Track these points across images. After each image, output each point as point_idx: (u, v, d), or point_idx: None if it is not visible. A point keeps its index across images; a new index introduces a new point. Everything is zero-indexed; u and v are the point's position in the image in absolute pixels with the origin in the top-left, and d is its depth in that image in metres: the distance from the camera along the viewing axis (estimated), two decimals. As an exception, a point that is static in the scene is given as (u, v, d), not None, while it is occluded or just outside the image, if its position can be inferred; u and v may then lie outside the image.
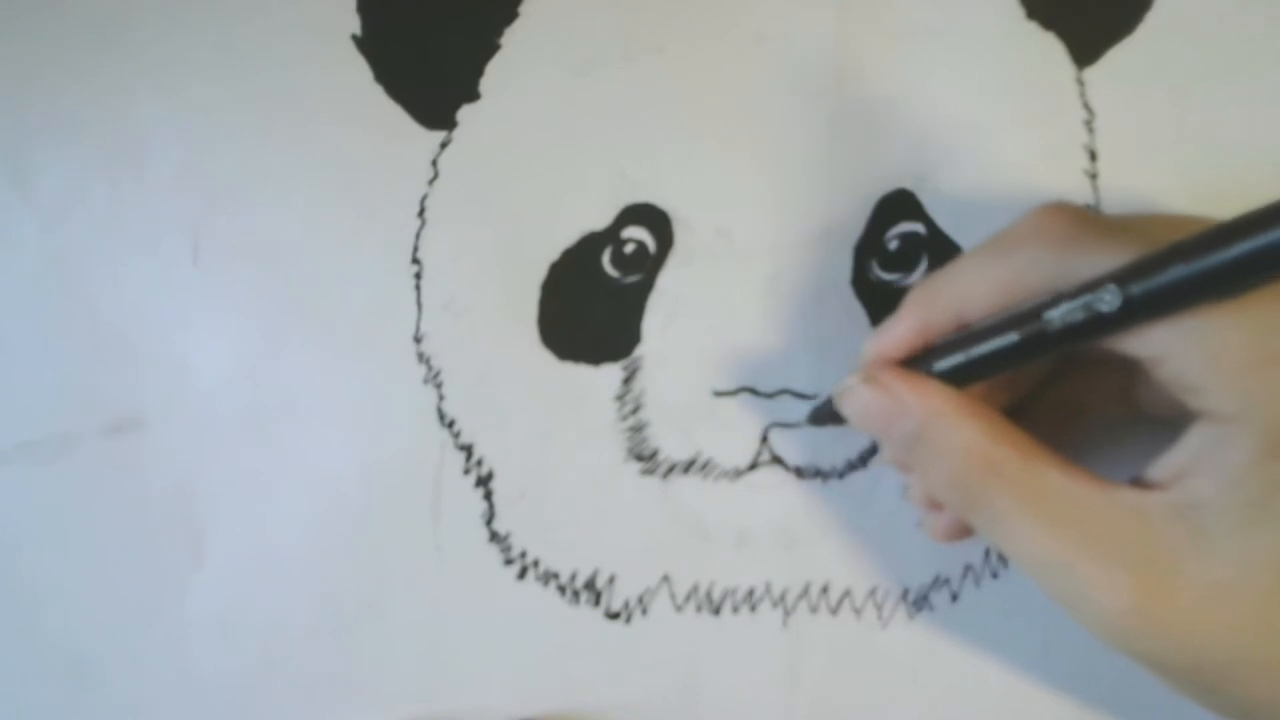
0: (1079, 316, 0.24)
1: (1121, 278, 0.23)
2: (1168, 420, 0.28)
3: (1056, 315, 0.24)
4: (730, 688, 0.33)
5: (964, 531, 0.28)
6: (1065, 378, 0.30)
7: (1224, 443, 0.23)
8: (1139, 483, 0.25)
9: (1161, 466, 0.24)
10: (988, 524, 0.26)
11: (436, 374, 0.33)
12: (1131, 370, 0.26)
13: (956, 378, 0.27)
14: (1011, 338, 0.25)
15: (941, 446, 0.26)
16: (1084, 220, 0.25)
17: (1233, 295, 0.22)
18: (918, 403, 0.26)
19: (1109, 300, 0.23)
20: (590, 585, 0.33)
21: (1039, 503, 0.25)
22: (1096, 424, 0.30)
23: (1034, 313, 0.25)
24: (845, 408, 0.28)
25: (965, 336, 0.26)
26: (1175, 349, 0.23)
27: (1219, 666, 0.24)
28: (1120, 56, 0.32)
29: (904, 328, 0.27)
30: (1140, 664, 0.25)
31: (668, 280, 0.33)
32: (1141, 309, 0.23)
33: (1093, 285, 0.24)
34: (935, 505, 0.29)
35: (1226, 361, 0.22)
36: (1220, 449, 0.23)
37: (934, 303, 0.27)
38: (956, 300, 0.27)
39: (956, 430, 0.26)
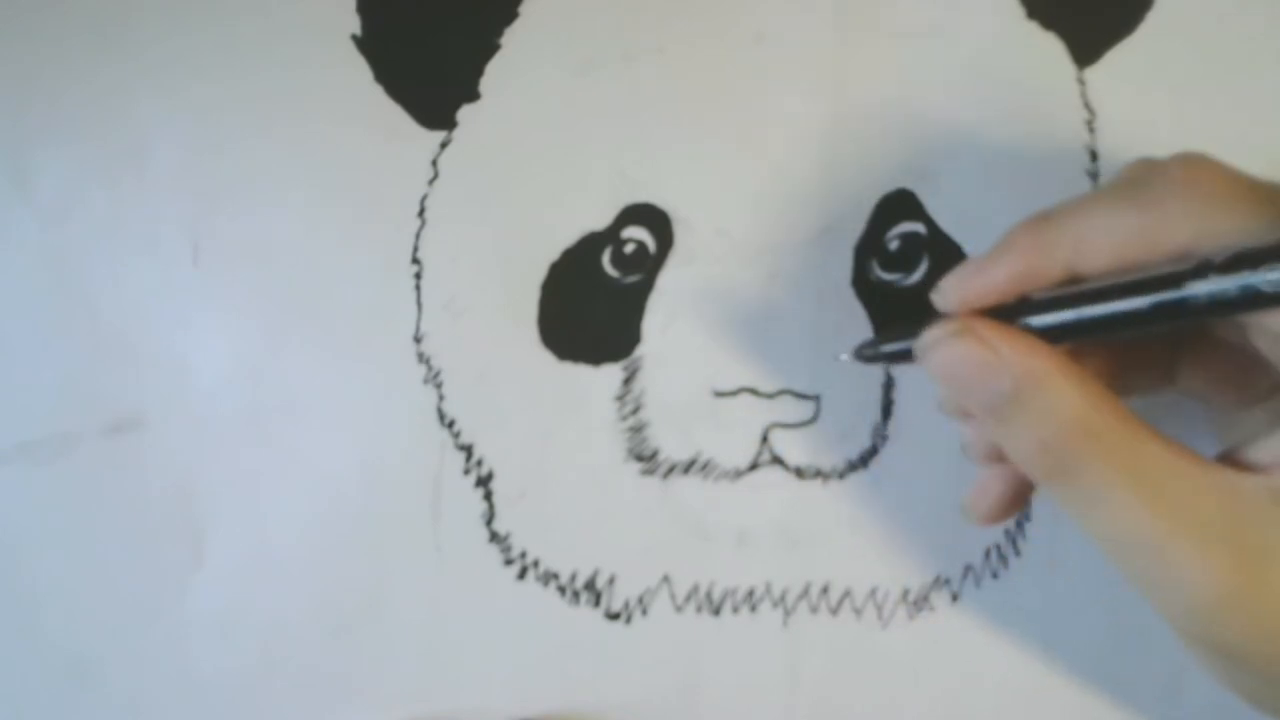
0: (1232, 293, 0.21)
1: None
2: (1211, 402, 0.27)
3: (1204, 290, 0.21)
4: (730, 688, 0.33)
5: (1018, 504, 0.27)
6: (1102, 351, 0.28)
7: None
8: (1233, 462, 0.24)
9: (1264, 449, 0.23)
10: (1076, 495, 0.24)
11: (436, 374, 0.33)
12: (1178, 350, 0.25)
13: (1055, 335, 0.24)
14: (1141, 303, 0.23)
15: (1039, 409, 0.23)
16: (1237, 178, 0.23)
17: None
18: (1018, 360, 0.24)
19: (1274, 280, 0.21)
20: (590, 585, 0.33)
21: (1138, 476, 0.23)
22: (1130, 396, 0.29)
23: (1174, 279, 0.22)
24: (932, 359, 0.25)
25: (1081, 293, 0.24)
26: None
27: None
28: (1120, 56, 0.32)
29: (1005, 270, 0.25)
30: (1219, 651, 0.24)
31: (668, 280, 0.33)
32: None
33: (1253, 258, 0.21)
34: (998, 462, 0.27)
35: None
36: None
37: (1046, 246, 0.24)
38: (1074, 246, 0.24)
39: (1058, 393, 0.23)
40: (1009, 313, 0.25)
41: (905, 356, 0.26)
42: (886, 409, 0.33)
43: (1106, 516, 0.23)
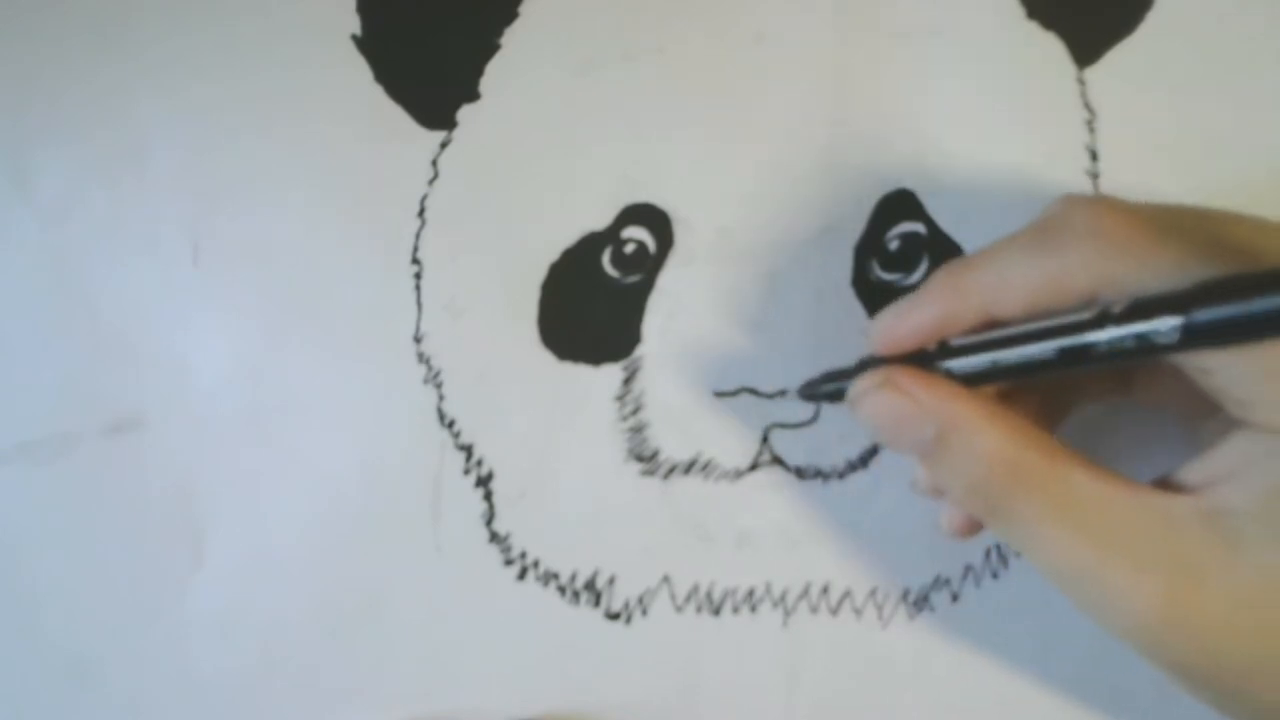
0: (1129, 343, 0.22)
1: (1181, 305, 0.21)
2: (1167, 413, 0.28)
3: (1104, 339, 0.23)
4: (730, 688, 0.33)
5: (976, 527, 0.27)
6: None
7: (1269, 455, 0.22)
8: (1164, 484, 0.24)
9: (1194, 470, 0.24)
10: (1011, 531, 0.25)
11: (436, 374, 0.33)
12: (1139, 369, 0.25)
13: (974, 379, 0.25)
14: (1048, 351, 0.24)
15: (963, 453, 0.25)
16: (1139, 221, 0.24)
17: None
18: (937, 408, 0.25)
19: (1166, 334, 0.22)
20: (590, 585, 0.33)
21: (1065, 508, 0.24)
22: (1091, 405, 0.30)
23: (1077, 328, 0.23)
24: (859, 412, 0.27)
25: (994, 339, 0.25)
26: (1228, 361, 0.22)
27: (1245, 673, 0.23)
28: (1121, 56, 0.32)
29: (925, 316, 0.26)
30: (1165, 670, 0.24)
31: (668, 280, 0.33)
32: (1201, 341, 0.22)
33: (1146, 309, 0.22)
34: (943, 496, 0.28)
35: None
36: (1263, 460, 0.22)
37: (962, 293, 0.25)
38: (988, 293, 0.25)
39: (979, 436, 0.24)
40: (932, 358, 0.26)
41: (841, 396, 0.28)
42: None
43: (1041, 549, 0.24)
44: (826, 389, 0.29)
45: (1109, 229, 0.24)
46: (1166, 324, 0.21)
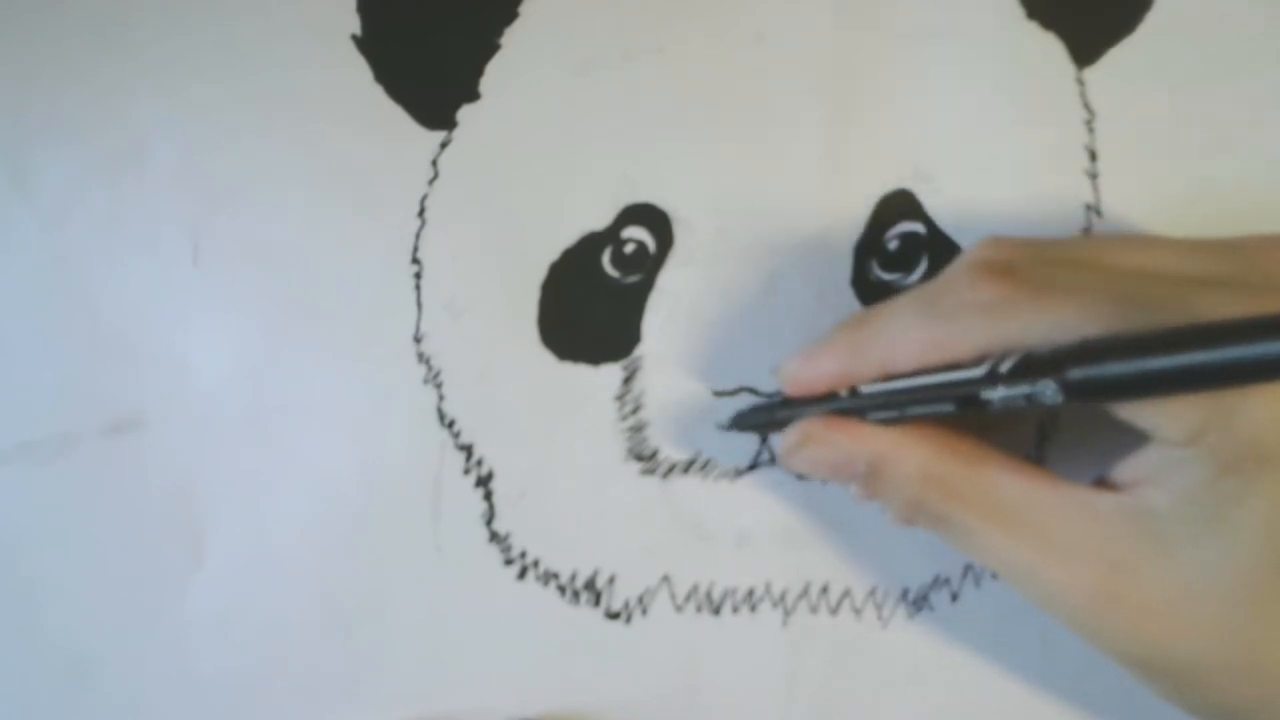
0: (1020, 403, 0.24)
1: (1057, 366, 0.23)
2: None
3: (996, 398, 0.24)
4: (730, 688, 0.33)
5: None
6: None
7: (1177, 464, 0.23)
8: (1103, 482, 0.25)
9: (1122, 470, 0.25)
10: (955, 539, 0.27)
11: (436, 374, 0.33)
12: None
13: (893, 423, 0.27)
14: (947, 408, 0.25)
15: (894, 479, 0.27)
16: (1018, 282, 0.25)
17: (1173, 395, 0.22)
18: (860, 448, 0.27)
19: (1050, 395, 0.23)
20: (590, 585, 0.33)
21: (994, 511, 0.25)
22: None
23: (971, 387, 0.25)
24: (794, 466, 0.29)
25: (898, 393, 0.26)
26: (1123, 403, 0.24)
27: (1187, 668, 0.24)
28: (1121, 56, 0.32)
29: (827, 369, 0.28)
30: (1118, 661, 0.25)
31: (668, 280, 0.33)
32: (1086, 398, 0.23)
33: (1029, 370, 0.23)
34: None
35: (1174, 406, 0.23)
36: (1173, 468, 0.23)
37: (859, 353, 0.27)
38: (882, 354, 0.27)
39: (903, 463, 0.26)
40: (849, 401, 0.27)
41: (773, 426, 0.30)
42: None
43: (982, 552, 0.26)
44: (755, 421, 0.31)
45: (989, 300, 0.25)
46: (1048, 387, 0.23)
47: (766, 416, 0.30)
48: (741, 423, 0.31)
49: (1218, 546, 0.23)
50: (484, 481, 0.33)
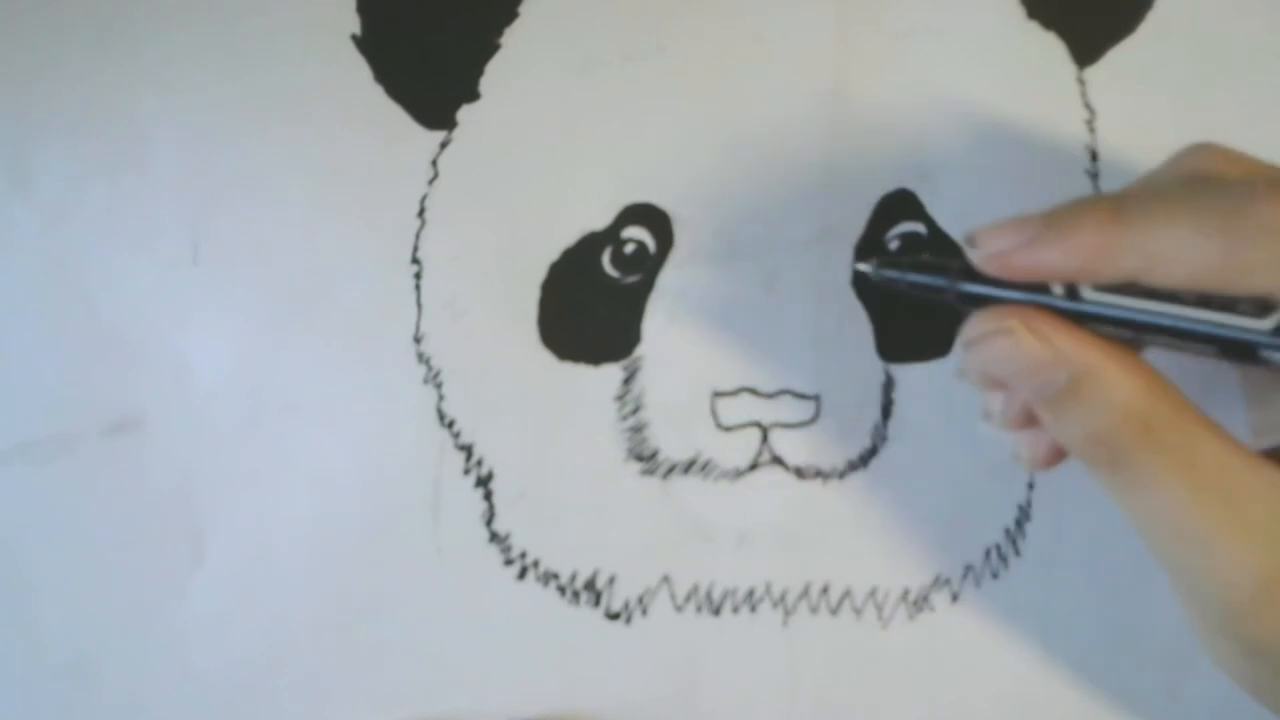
0: None
1: None
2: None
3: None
4: (730, 688, 0.33)
5: (1060, 456, 0.27)
6: None
7: None
8: (1277, 455, 0.24)
9: None
10: (1125, 484, 0.24)
11: (436, 374, 0.33)
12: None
13: (1102, 325, 0.24)
14: (1207, 347, 0.23)
15: (1094, 402, 0.23)
16: None
17: None
18: (1075, 355, 0.23)
19: None
20: (590, 585, 0.33)
21: (1189, 469, 0.23)
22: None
23: (1247, 338, 0.22)
24: (981, 351, 0.24)
25: (1152, 325, 0.23)
26: None
27: None
28: (1121, 56, 0.32)
29: (1062, 258, 0.23)
30: (1246, 648, 0.24)
31: (668, 280, 0.33)
32: None
33: None
34: (1028, 428, 0.27)
35: None
36: None
37: (1115, 250, 0.23)
38: (1145, 261, 0.23)
39: (1114, 386, 0.23)
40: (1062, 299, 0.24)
41: (929, 293, 0.25)
42: (886, 409, 0.33)
43: (1153, 506, 0.24)
44: (916, 279, 0.26)
45: None
46: None
47: (935, 280, 0.25)
48: (889, 274, 0.26)
49: None
50: (484, 481, 0.33)
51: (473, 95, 0.33)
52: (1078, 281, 0.24)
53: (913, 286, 0.26)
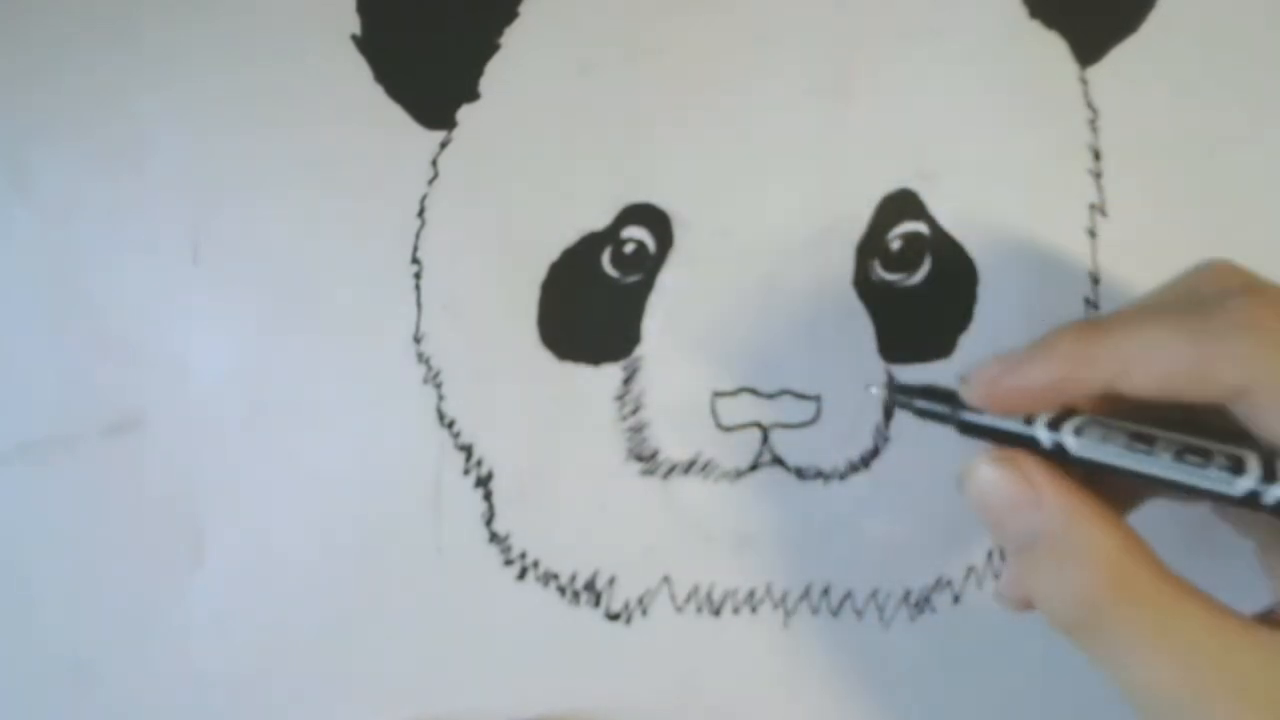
0: None
1: None
2: (1247, 536, 0.26)
3: (1275, 495, 0.21)
4: (730, 689, 0.33)
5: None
6: None
7: None
8: (1272, 619, 0.23)
9: None
10: (1104, 648, 0.23)
11: (436, 374, 0.33)
12: None
13: (1086, 465, 0.23)
14: (1198, 481, 0.22)
15: (1070, 553, 0.23)
16: None
17: None
18: (1058, 502, 0.23)
19: None
20: (590, 586, 0.33)
21: (1171, 633, 0.22)
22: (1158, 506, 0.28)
23: (1238, 465, 0.21)
24: (969, 485, 0.25)
25: (1135, 438, 0.23)
26: None
27: None
28: (1123, 55, 0.32)
29: (1046, 373, 0.23)
30: None
31: (668, 280, 0.33)
32: None
33: None
34: (1029, 607, 0.26)
35: None
36: None
37: (1092, 359, 0.23)
38: (1121, 365, 0.23)
39: (1094, 538, 0.23)
40: (1051, 423, 0.24)
41: (937, 418, 0.26)
42: (888, 410, 0.33)
43: (1136, 673, 0.22)
44: (921, 405, 0.26)
45: (1271, 324, 0.22)
46: None
47: (937, 406, 0.26)
48: (905, 400, 0.26)
49: None
50: (484, 481, 0.33)
51: (473, 95, 0.33)
52: (1069, 397, 0.23)
53: (919, 413, 0.26)
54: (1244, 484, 0.21)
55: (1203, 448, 0.22)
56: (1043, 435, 0.24)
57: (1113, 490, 0.25)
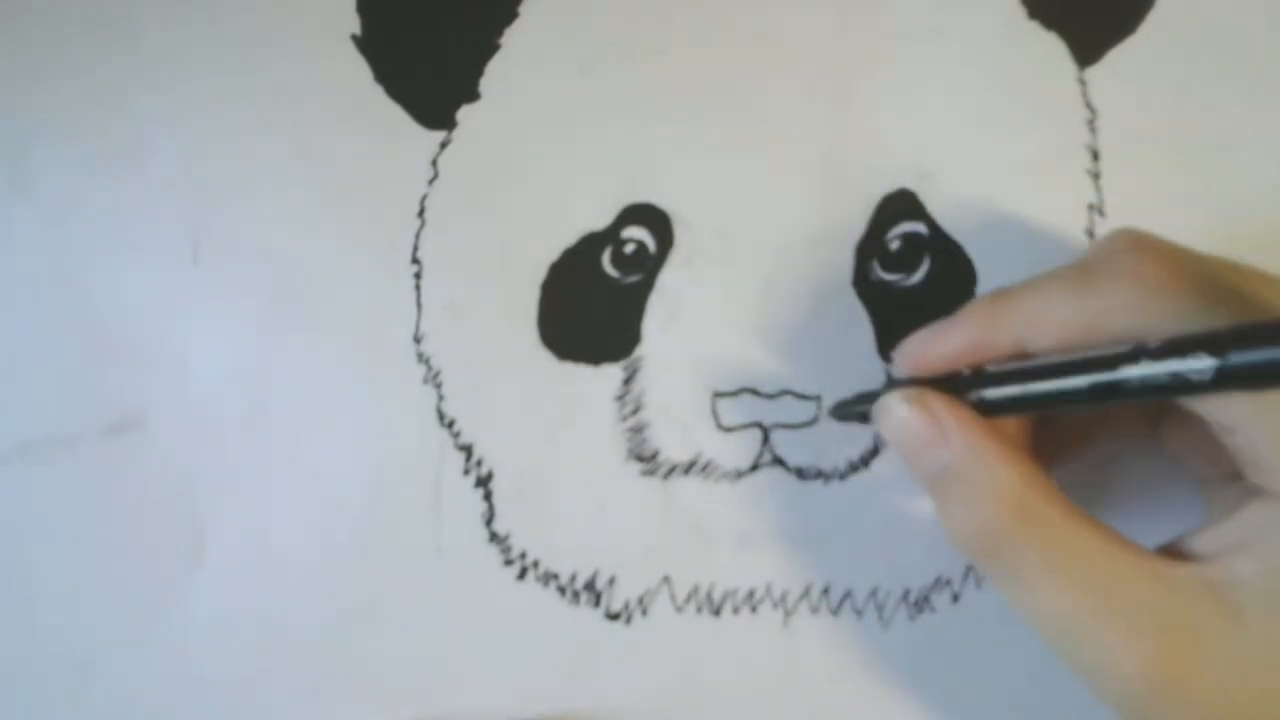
0: (1162, 380, 0.22)
1: (1217, 345, 0.21)
2: (1187, 465, 0.28)
3: (1136, 374, 0.23)
4: (730, 689, 0.33)
5: None
6: None
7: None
8: (1171, 551, 0.24)
9: (1204, 538, 0.24)
10: (1007, 576, 0.24)
11: (436, 374, 0.33)
12: (1168, 413, 0.25)
13: (1004, 407, 0.25)
14: (1079, 383, 0.24)
15: (975, 486, 0.24)
16: (1179, 265, 0.24)
17: None
18: (960, 436, 0.25)
19: (1201, 370, 0.21)
20: (590, 586, 0.33)
21: (1068, 560, 0.23)
22: (1116, 440, 0.30)
23: (1110, 362, 0.23)
24: (883, 424, 0.27)
25: (1028, 369, 0.25)
26: (1253, 421, 0.22)
27: None
28: (1122, 56, 0.32)
29: (960, 338, 0.26)
30: None
31: (668, 280, 0.33)
32: (1233, 382, 0.21)
33: (1182, 346, 0.22)
34: None
35: None
36: (1276, 532, 0.22)
37: (998, 321, 0.26)
38: (1025, 324, 0.25)
39: (995, 472, 0.24)
40: (964, 384, 0.26)
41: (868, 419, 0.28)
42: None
43: (1034, 600, 0.24)
44: (859, 410, 0.29)
45: (1150, 274, 0.24)
46: (1202, 363, 0.21)
47: (869, 406, 0.28)
48: (845, 411, 0.30)
49: None
50: (484, 481, 0.33)
51: (473, 95, 0.33)
52: (981, 360, 0.26)
53: (861, 419, 0.29)
54: (1137, 370, 0.23)
55: (1092, 357, 0.24)
56: (963, 381, 0.26)
57: (1064, 433, 0.28)
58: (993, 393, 0.25)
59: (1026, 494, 0.24)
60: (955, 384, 0.26)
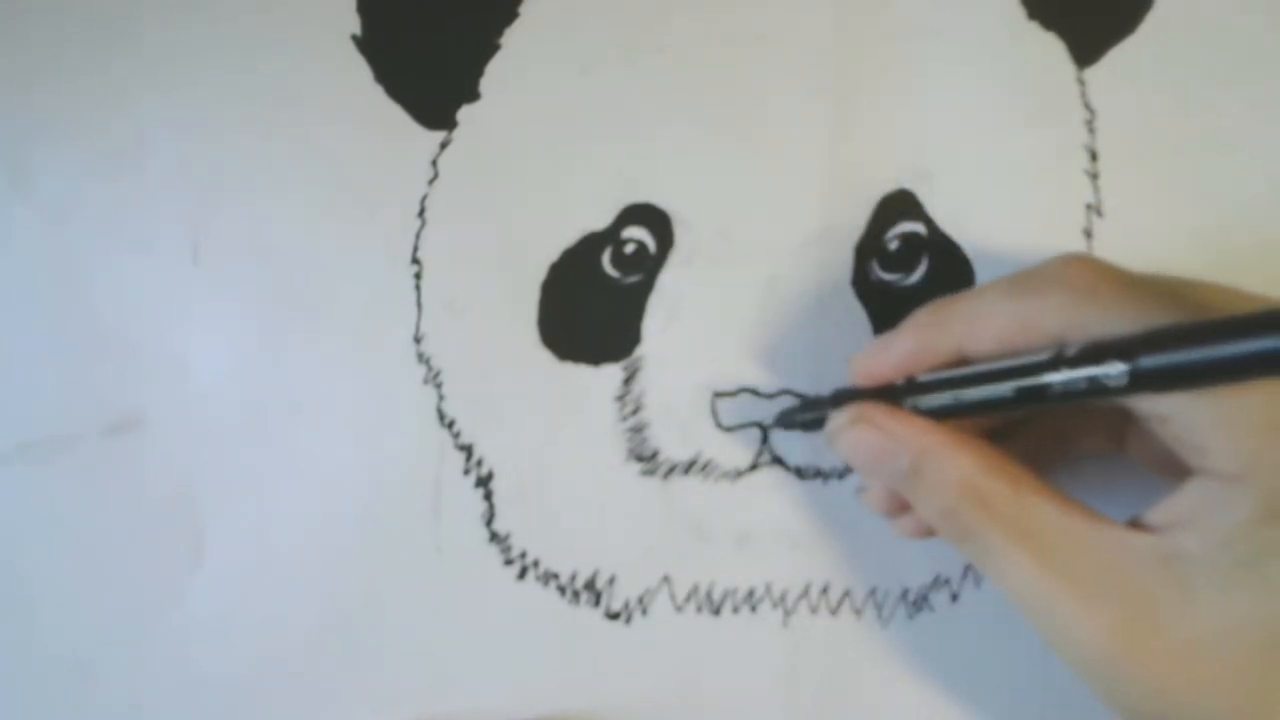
0: (1080, 386, 0.24)
1: (1128, 351, 0.23)
2: (1149, 468, 0.28)
3: (1058, 381, 0.24)
4: (730, 688, 0.33)
5: (929, 530, 0.28)
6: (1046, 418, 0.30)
7: (1220, 502, 0.23)
8: (1136, 523, 0.25)
9: (1157, 511, 0.24)
10: (979, 556, 0.26)
11: (436, 374, 0.33)
12: (1126, 416, 0.26)
13: (940, 414, 0.27)
14: (1005, 391, 0.25)
15: (933, 481, 0.26)
16: (1107, 274, 0.25)
17: (1242, 381, 0.22)
18: (910, 440, 0.26)
19: (1115, 376, 0.23)
20: (590, 585, 0.33)
21: (1028, 537, 0.25)
22: (1084, 456, 0.30)
23: (1034, 369, 0.25)
24: (838, 447, 0.28)
25: (958, 377, 0.26)
26: (1182, 409, 0.23)
27: None
28: (1121, 56, 0.32)
29: (903, 348, 0.27)
30: (1117, 707, 0.25)
31: (668, 280, 0.33)
32: (1147, 385, 0.23)
33: (1097, 353, 0.23)
34: (898, 510, 0.29)
35: (1235, 425, 0.22)
36: (1215, 507, 0.23)
37: (939, 329, 0.27)
38: (963, 331, 0.26)
39: (948, 465, 0.26)
40: (900, 393, 0.27)
41: (818, 425, 0.29)
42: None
43: (1004, 574, 0.25)
44: (803, 418, 0.30)
45: (1078, 279, 0.25)
46: (1115, 368, 0.23)
47: (815, 414, 0.30)
48: (788, 420, 0.31)
49: (1248, 598, 0.22)
50: (484, 481, 0.33)
51: (473, 95, 0.33)
52: (926, 365, 0.27)
53: (808, 427, 0.30)
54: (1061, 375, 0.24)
55: (1016, 365, 0.25)
56: (901, 391, 0.27)
57: (1038, 439, 0.29)
58: (927, 401, 0.27)
59: (979, 479, 0.25)
60: (893, 394, 0.27)
